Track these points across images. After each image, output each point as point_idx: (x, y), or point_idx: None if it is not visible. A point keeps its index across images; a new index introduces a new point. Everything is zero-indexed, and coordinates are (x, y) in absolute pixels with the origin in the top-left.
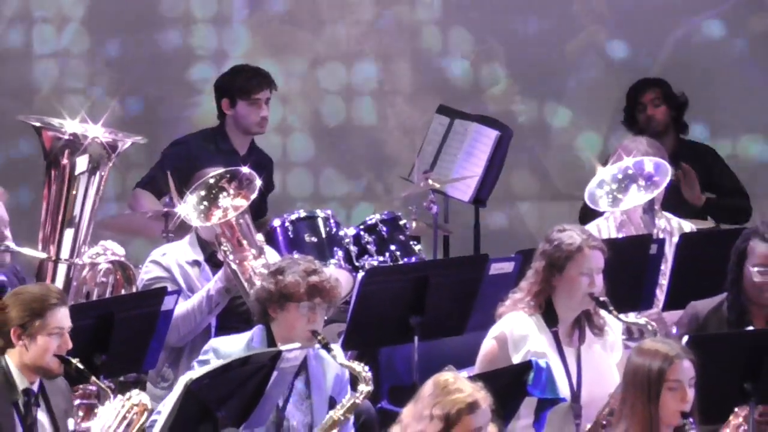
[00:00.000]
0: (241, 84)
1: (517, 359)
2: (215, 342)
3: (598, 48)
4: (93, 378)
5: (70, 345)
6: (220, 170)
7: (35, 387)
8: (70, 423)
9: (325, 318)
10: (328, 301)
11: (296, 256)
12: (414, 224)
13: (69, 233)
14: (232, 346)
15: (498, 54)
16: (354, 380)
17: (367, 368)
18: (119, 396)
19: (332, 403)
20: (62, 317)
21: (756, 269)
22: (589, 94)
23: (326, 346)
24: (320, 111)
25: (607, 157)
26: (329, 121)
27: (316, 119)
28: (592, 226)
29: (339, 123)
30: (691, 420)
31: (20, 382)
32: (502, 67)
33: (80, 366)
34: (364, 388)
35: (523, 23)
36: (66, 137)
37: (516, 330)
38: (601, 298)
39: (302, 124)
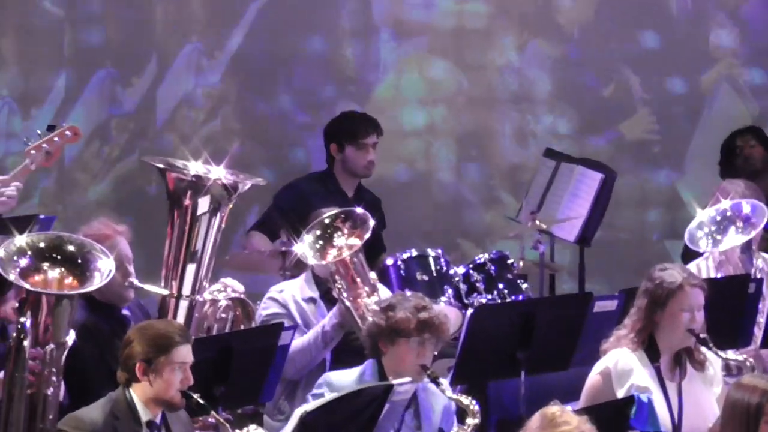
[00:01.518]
0: (349, 129)
1: (621, 393)
2: (329, 376)
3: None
4: (212, 412)
5: (191, 380)
6: (336, 210)
7: (158, 419)
8: None
9: (435, 353)
10: (437, 336)
11: (408, 293)
12: (521, 263)
13: (191, 270)
14: (344, 380)
15: None
16: (462, 413)
17: (474, 402)
18: (237, 430)
19: None
20: (185, 354)
21: None
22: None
23: (435, 380)
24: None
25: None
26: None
27: None
28: (692, 266)
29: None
30: None
31: (144, 415)
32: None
33: (201, 401)
34: (472, 421)
35: None
36: (189, 178)
37: (620, 365)
38: (701, 335)
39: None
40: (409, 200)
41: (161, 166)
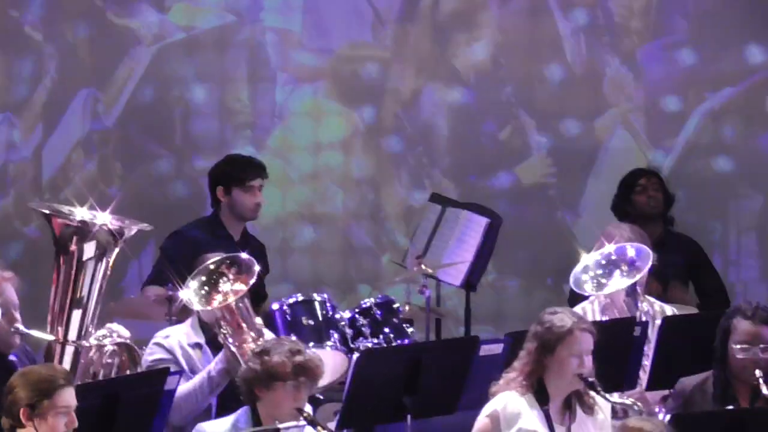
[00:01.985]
0: (236, 172)
1: None
2: (202, 426)
3: None
4: None
5: (76, 423)
6: (221, 256)
7: None
8: None
9: (318, 395)
10: (313, 379)
11: (282, 337)
12: (407, 307)
13: (77, 316)
14: (218, 429)
15: None
16: None
17: None
18: None
19: None
20: (69, 397)
21: (738, 347)
22: None
23: (313, 423)
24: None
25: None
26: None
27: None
28: (578, 308)
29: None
30: None
31: None
32: None
33: None
34: None
35: None
36: (75, 224)
37: (509, 408)
38: (590, 379)
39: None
40: (306, 243)
41: (46, 211)
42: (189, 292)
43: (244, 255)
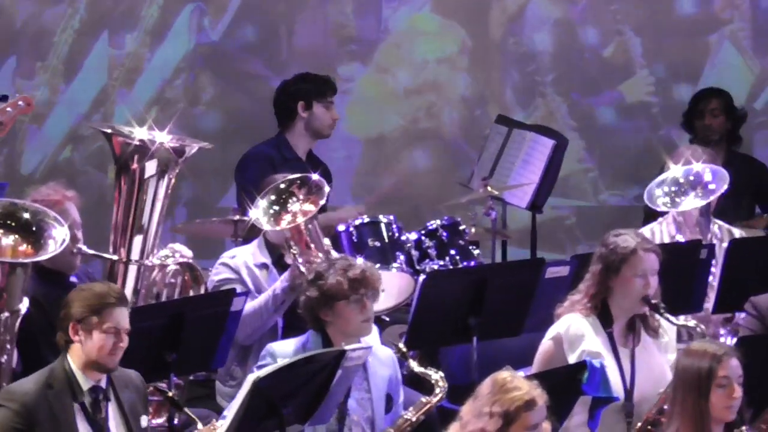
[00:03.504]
0: (318, 87)
1: (572, 359)
2: (272, 346)
3: None
4: (185, 409)
5: (125, 343)
6: (291, 176)
7: (103, 383)
8: (143, 420)
9: (384, 317)
10: (373, 288)
11: (330, 257)
12: (473, 229)
13: (139, 235)
14: (287, 349)
15: None
16: (421, 383)
17: (441, 374)
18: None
19: (388, 400)
20: (119, 316)
21: None
22: None
23: (404, 356)
24: None
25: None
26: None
27: None
28: (646, 230)
29: None
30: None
31: (84, 382)
32: None
33: (175, 398)
34: (440, 392)
35: None
36: (135, 143)
37: (572, 330)
38: (653, 301)
39: None
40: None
41: (108, 131)
42: (258, 212)
43: (314, 175)
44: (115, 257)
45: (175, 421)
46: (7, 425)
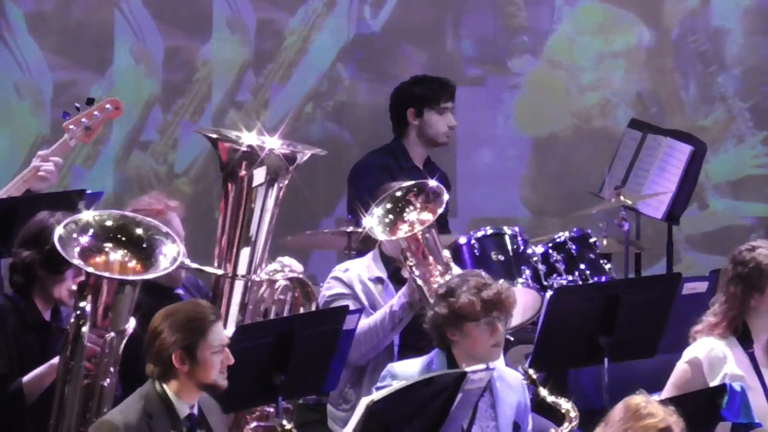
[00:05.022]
0: (428, 92)
1: (714, 383)
2: (393, 367)
3: None
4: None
5: (232, 360)
6: (407, 183)
7: (195, 409)
8: None
9: (508, 336)
10: (506, 311)
11: (465, 271)
12: (604, 242)
13: (246, 247)
14: (410, 370)
15: None
16: (557, 415)
17: (572, 404)
18: None
19: (515, 429)
20: (221, 332)
21: None
22: None
23: (533, 382)
24: None
25: None
26: None
27: None
28: None
29: None
30: None
31: (181, 409)
32: None
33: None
34: (571, 425)
35: None
36: (243, 149)
37: (713, 354)
38: None
39: None
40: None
41: (213, 136)
42: (372, 221)
43: (432, 182)
44: (220, 272)
45: None
46: None
